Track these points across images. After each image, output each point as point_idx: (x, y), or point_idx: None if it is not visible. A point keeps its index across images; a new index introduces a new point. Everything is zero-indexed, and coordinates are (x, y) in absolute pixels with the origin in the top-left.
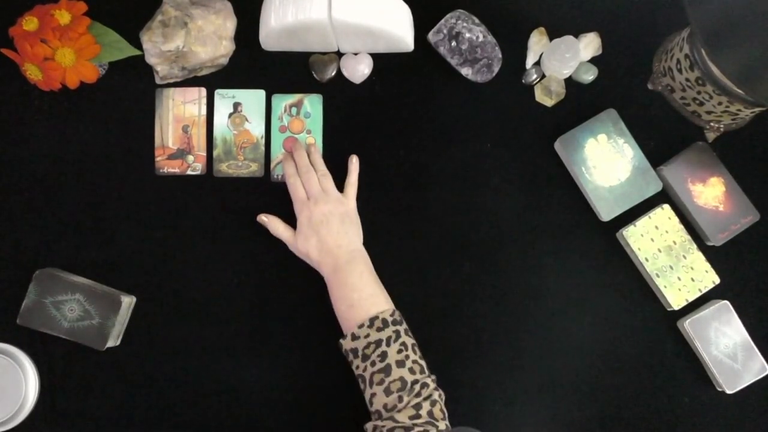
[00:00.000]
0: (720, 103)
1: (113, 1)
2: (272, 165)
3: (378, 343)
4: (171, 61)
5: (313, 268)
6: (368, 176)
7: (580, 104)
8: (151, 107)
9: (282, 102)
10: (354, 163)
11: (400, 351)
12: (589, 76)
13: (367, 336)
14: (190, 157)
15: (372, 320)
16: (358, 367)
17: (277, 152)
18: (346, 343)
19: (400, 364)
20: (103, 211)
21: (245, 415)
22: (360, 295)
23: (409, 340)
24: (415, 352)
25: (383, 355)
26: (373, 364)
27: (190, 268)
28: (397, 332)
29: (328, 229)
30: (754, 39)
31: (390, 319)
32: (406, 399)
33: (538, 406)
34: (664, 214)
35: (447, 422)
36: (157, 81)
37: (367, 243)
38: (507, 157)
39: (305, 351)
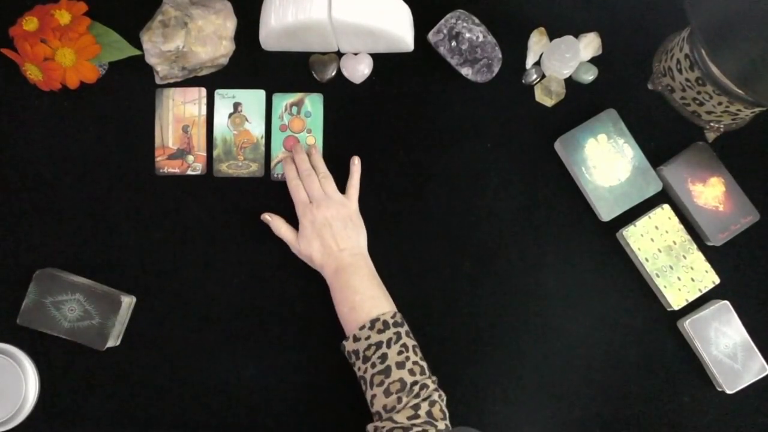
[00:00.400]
0: (720, 103)
1: (113, 1)
2: (272, 163)
3: (378, 344)
4: (171, 61)
5: (313, 268)
6: (368, 176)
7: (580, 104)
8: (151, 107)
9: (283, 101)
10: (356, 165)
11: (400, 353)
12: (589, 76)
13: (368, 338)
14: (190, 157)
15: (373, 322)
16: (359, 369)
17: (278, 151)
18: (348, 345)
19: (400, 365)
20: (103, 211)
21: (245, 415)
22: (362, 297)
23: (410, 342)
24: (415, 354)
25: (383, 357)
26: (373, 365)
27: (190, 268)
28: (398, 334)
29: (332, 232)
30: (754, 39)
31: (391, 321)
32: (405, 400)
33: (538, 406)
34: (664, 214)
35: (447, 422)
36: (157, 81)
37: (368, 243)
38: (507, 157)
39: (305, 351)
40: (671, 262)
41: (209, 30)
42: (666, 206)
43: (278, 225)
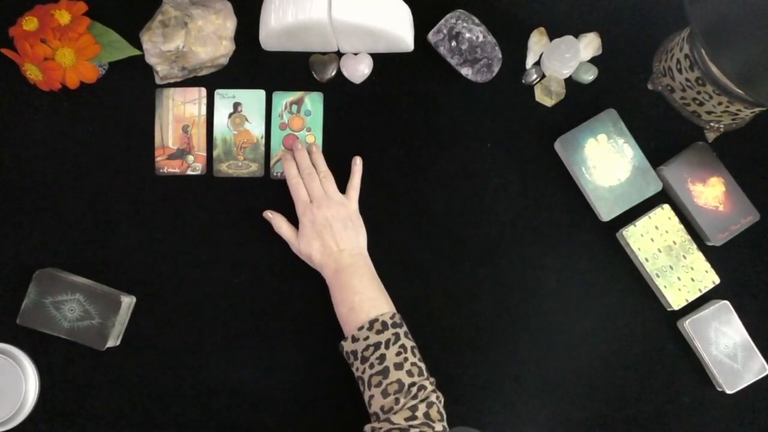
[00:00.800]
0: (720, 103)
1: (113, 1)
2: (272, 162)
3: (377, 345)
4: (171, 61)
5: (313, 268)
6: (368, 176)
7: (580, 104)
8: (151, 107)
9: (283, 99)
10: (357, 165)
11: (398, 354)
12: (589, 76)
13: (367, 338)
14: (190, 157)
15: (372, 323)
16: (357, 369)
17: (277, 149)
18: (347, 345)
19: (398, 366)
20: (103, 211)
21: (245, 415)
22: (361, 297)
23: (409, 343)
24: (414, 355)
25: (382, 358)
26: (371, 366)
27: (190, 268)
28: (397, 335)
29: (331, 232)
30: (754, 39)
31: (390, 322)
32: (402, 401)
33: (538, 406)
34: (664, 214)
35: (445, 424)
36: (157, 81)
37: (367, 243)
38: (507, 157)
39: (305, 351)
40: (671, 262)
41: (209, 30)
42: (666, 206)
43: (279, 223)
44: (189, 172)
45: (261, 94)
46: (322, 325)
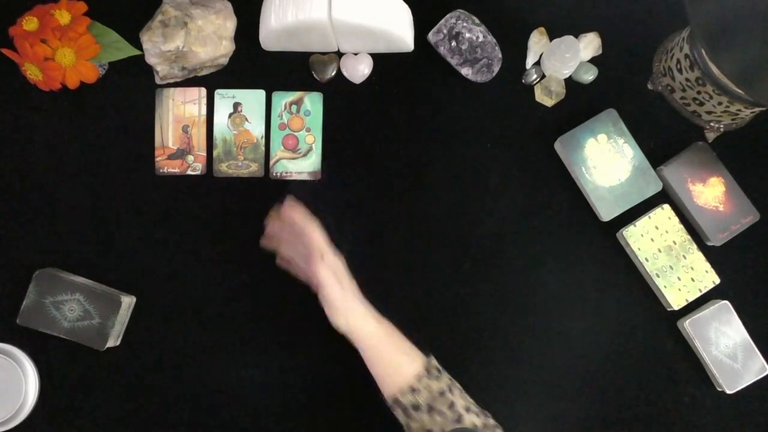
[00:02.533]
0: (720, 103)
1: (113, 1)
2: (271, 162)
3: (441, 392)
4: (171, 61)
5: None
6: (368, 176)
7: (580, 104)
8: (151, 107)
9: (282, 99)
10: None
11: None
12: (589, 76)
13: (428, 387)
14: (190, 157)
15: (428, 369)
16: (418, 421)
17: (277, 149)
18: (404, 399)
19: (467, 409)
20: (103, 211)
21: (245, 415)
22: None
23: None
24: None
25: (451, 405)
26: (441, 414)
27: (190, 268)
28: (449, 377)
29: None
30: (754, 39)
31: (435, 365)
32: None
33: (538, 406)
34: (664, 214)
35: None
36: (157, 81)
37: (368, 244)
38: (507, 157)
39: (305, 351)
40: (671, 262)
41: (209, 30)
42: (666, 206)
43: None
44: (189, 172)
45: (261, 94)
46: (322, 326)
